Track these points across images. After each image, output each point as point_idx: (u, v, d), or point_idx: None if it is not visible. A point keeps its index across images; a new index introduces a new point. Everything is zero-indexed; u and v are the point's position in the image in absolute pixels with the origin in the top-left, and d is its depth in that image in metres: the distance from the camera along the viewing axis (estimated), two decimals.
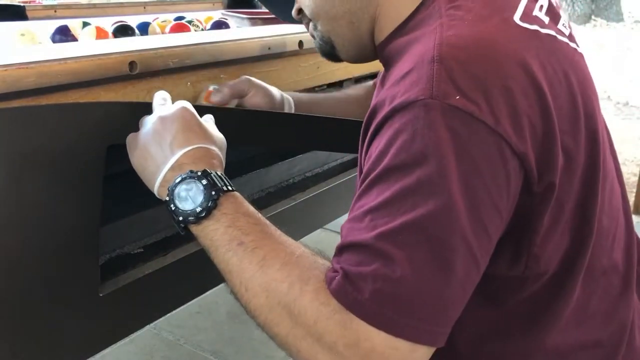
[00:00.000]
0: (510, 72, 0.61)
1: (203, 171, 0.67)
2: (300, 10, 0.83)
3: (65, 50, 0.87)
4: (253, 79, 1.03)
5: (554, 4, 0.76)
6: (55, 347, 0.93)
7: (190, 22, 1.72)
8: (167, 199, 0.68)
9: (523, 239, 0.67)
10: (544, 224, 0.67)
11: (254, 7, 2.59)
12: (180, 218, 0.66)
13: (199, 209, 0.65)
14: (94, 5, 2.40)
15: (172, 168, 0.69)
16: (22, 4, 2.14)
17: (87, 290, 0.95)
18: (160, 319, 1.82)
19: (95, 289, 0.95)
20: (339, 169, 1.63)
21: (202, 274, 1.24)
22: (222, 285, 0.69)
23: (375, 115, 0.64)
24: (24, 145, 0.77)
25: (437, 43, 0.62)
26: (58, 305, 0.91)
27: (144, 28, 1.61)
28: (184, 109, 0.75)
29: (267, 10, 1.42)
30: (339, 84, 1.57)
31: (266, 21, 1.65)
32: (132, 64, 0.89)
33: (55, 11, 2.20)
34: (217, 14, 1.96)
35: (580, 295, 0.73)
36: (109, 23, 1.59)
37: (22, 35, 1.38)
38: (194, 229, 0.66)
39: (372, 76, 1.55)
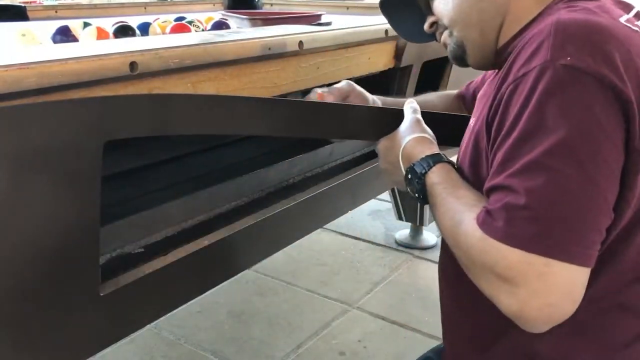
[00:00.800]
0: (614, 44, 0.72)
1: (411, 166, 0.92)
2: (433, 23, 0.99)
3: (66, 50, 0.87)
4: (353, 83, 1.18)
5: None
6: (55, 346, 0.93)
7: (190, 22, 1.72)
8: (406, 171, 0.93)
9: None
10: (627, 189, 0.73)
11: (255, 7, 2.59)
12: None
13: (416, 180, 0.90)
14: (95, 6, 2.41)
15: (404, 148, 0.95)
16: (22, 5, 2.15)
17: (87, 290, 0.95)
18: (161, 319, 1.83)
19: (96, 289, 0.96)
20: (339, 169, 1.63)
21: (203, 273, 1.24)
22: (222, 285, 0.71)
23: (502, 86, 0.77)
24: (19, 144, 0.77)
25: (554, 21, 0.74)
26: (58, 305, 0.91)
27: (144, 28, 1.61)
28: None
29: (267, 11, 1.42)
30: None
31: (266, 22, 1.66)
32: (132, 65, 0.90)
33: (56, 11, 2.20)
34: (218, 15, 1.96)
35: None
36: (109, 23, 1.60)
37: (23, 35, 1.38)
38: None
39: (372, 76, 1.55)
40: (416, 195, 0.89)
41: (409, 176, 0.90)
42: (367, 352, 2.04)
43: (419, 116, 1.00)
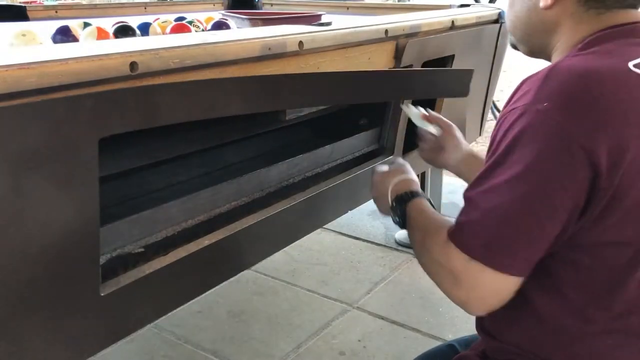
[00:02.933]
0: (596, 94, 0.80)
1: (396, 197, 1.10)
2: None
3: (66, 50, 0.87)
4: (455, 127, 1.35)
5: None
6: (56, 346, 0.93)
7: (190, 22, 1.73)
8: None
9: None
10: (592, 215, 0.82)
11: (255, 7, 2.59)
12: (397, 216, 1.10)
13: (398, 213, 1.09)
14: (95, 6, 2.41)
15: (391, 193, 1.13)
16: (23, 5, 2.15)
17: (88, 290, 0.95)
18: (161, 319, 1.83)
19: (96, 289, 0.96)
20: (339, 169, 1.63)
21: (203, 273, 1.24)
22: (222, 285, 0.71)
23: (499, 118, 0.90)
24: (15, 144, 0.77)
25: (551, 67, 0.84)
26: (58, 304, 0.91)
27: (144, 28, 1.61)
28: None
29: (267, 11, 1.42)
30: None
31: (266, 22, 1.66)
32: (133, 65, 0.90)
33: (56, 12, 2.20)
34: (218, 15, 1.97)
35: None
36: (109, 23, 1.60)
37: (23, 35, 1.38)
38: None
39: None
40: (397, 219, 1.08)
41: (394, 204, 1.09)
42: (367, 352, 2.04)
43: (403, 161, 1.22)
